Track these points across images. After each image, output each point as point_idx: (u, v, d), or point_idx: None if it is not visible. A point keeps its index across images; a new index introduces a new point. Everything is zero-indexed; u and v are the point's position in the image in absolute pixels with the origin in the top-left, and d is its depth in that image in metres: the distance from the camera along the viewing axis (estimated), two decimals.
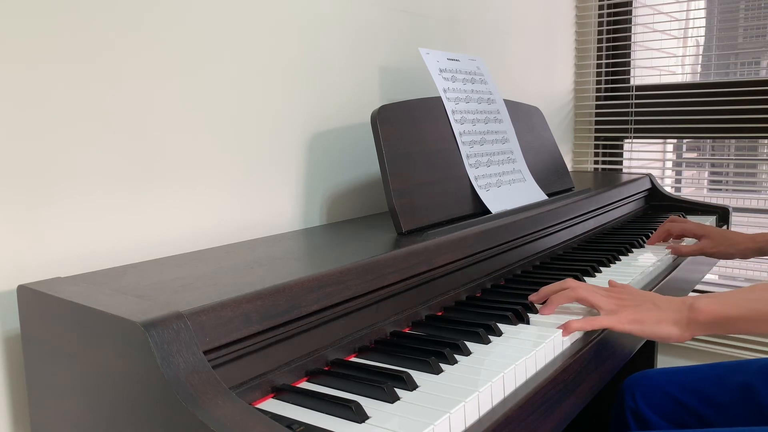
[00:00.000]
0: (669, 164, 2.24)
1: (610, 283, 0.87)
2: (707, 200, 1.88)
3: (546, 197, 1.23)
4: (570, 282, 0.84)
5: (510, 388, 0.65)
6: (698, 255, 1.21)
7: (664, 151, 2.24)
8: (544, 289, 0.86)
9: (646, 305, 0.78)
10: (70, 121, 0.80)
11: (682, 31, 2.20)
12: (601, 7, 2.04)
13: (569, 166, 2.13)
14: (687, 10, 2.08)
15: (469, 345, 0.74)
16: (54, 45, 0.78)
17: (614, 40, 2.05)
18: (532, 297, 0.87)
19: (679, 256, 1.21)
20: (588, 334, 0.81)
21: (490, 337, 0.76)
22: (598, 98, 2.08)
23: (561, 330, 0.78)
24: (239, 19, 0.99)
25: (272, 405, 0.62)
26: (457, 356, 0.70)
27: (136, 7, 0.86)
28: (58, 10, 0.78)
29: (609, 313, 0.78)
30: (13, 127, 0.75)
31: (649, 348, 1.69)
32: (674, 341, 0.76)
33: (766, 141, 1.92)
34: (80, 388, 0.62)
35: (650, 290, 0.99)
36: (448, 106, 1.10)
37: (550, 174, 1.34)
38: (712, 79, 1.98)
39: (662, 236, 1.27)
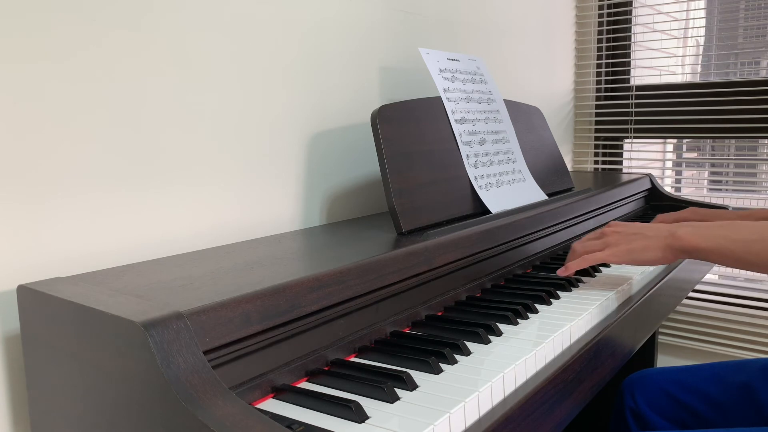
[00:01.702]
0: (669, 164, 2.24)
1: (610, 223, 0.96)
2: (707, 200, 1.88)
3: (546, 197, 1.23)
4: (573, 245, 0.95)
5: (510, 388, 0.65)
6: None
7: (664, 151, 2.24)
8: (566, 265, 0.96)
9: (636, 238, 0.88)
10: (68, 120, 0.80)
11: (682, 31, 2.21)
12: (601, 7, 2.05)
13: (569, 166, 2.13)
14: (687, 10, 2.07)
15: (469, 345, 0.74)
16: (51, 42, 0.78)
17: (614, 40, 2.05)
18: (561, 271, 0.96)
19: None
20: (589, 333, 0.81)
21: (490, 337, 0.76)
22: (598, 98, 2.09)
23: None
24: (240, 19, 0.99)
25: (272, 405, 0.62)
26: (457, 356, 0.71)
27: (135, 6, 0.86)
28: (55, 5, 0.78)
29: (602, 249, 0.89)
30: (12, 126, 0.75)
31: (649, 348, 1.69)
32: (659, 264, 0.86)
33: (766, 141, 1.92)
34: (80, 388, 0.62)
35: (650, 290, 0.99)
36: (448, 106, 1.10)
37: (550, 174, 1.34)
38: (712, 79, 1.98)
39: None
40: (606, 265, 1.09)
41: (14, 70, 0.74)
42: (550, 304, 0.88)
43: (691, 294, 1.93)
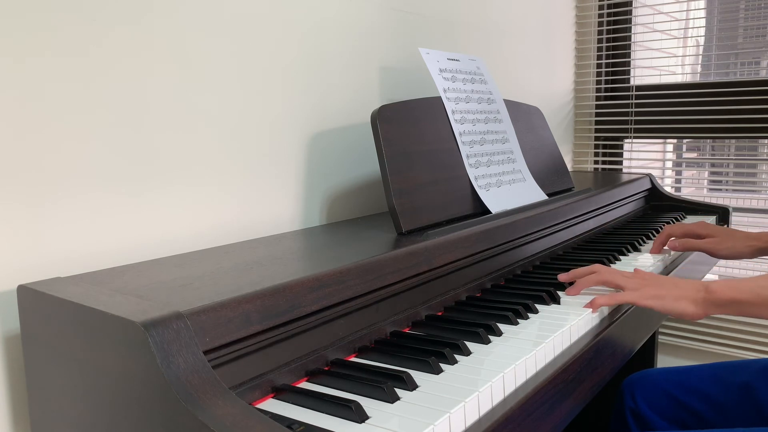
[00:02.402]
0: (669, 164, 2.24)
1: (635, 270, 0.93)
2: (707, 200, 1.88)
3: (546, 197, 1.23)
4: (597, 266, 0.92)
5: (510, 388, 0.65)
6: (705, 251, 1.17)
7: (664, 151, 2.24)
8: (573, 271, 0.94)
9: (666, 284, 0.86)
10: (68, 121, 0.80)
11: (682, 31, 2.21)
12: (601, 7, 2.05)
13: (569, 166, 2.13)
14: (687, 10, 2.08)
15: (469, 345, 0.74)
16: (52, 42, 0.78)
17: (614, 40, 2.05)
18: (562, 276, 0.94)
19: (686, 251, 1.19)
20: (589, 333, 0.81)
21: (490, 337, 0.76)
22: (598, 98, 2.09)
23: (589, 308, 0.84)
24: (240, 19, 0.99)
25: (272, 405, 0.62)
26: (457, 356, 0.70)
27: (135, 6, 0.86)
28: (55, 5, 0.78)
29: (632, 290, 0.86)
30: (12, 126, 0.75)
31: (649, 348, 1.69)
32: (689, 318, 0.84)
33: (766, 141, 1.92)
34: (80, 387, 0.62)
35: None
36: (448, 106, 1.10)
37: (550, 174, 1.34)
38: (712, 79, 1.98)
39: (664, 241, 1.20)
40: (606, 264, 1.09)
41: (15, 69, 0.74)
42: (550, 304, 0.88)
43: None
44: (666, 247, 1.20)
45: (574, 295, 0.91)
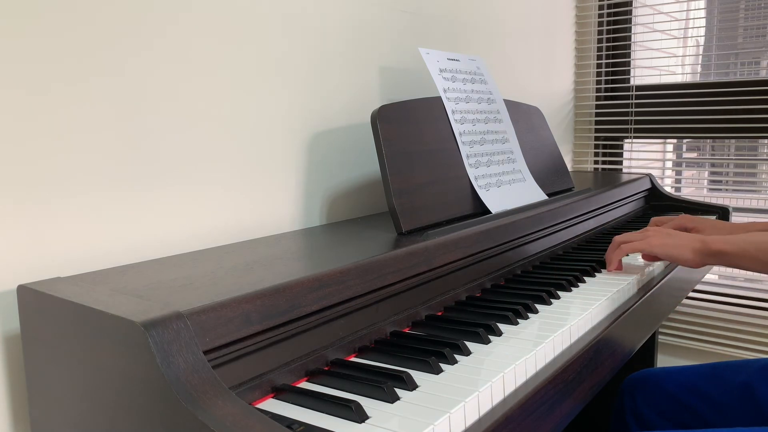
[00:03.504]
0: (669, 164, 2.24)
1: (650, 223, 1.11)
2: (707, 200, 1.88)
3: (546, 197, 1.23)
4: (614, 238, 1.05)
5: (510, 388, 0.65)
6: None
7: (664, 151, 2.24)
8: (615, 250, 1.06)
9: (672, 237, 0.99)
10: (69, 121, 0.80)
11: (682, 31, 2.21)
12: (601, 7, 2.05)
13: (569, 166, 2.13)
14: (687, 10, 2.08)
15: (469, 345, 0.74)
16: (52, 41, 0.78)
17: (614, 40, 2.05)
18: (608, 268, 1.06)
19: None
20: (589, 333, 0.81)
21: (490, 337, 0.76)
22: (598, 98, 2.09)
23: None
24: (240, 18, 0.99)
25: (272, 405, 0.62)
26: (457, 356, 0.70)
27: (135, 8, 0.86)
28: (54, 5, 0.78)
29: (640, 240, 1.00)
30: (12, 126, 0.75)
31: (649, 348, 1.69)
32: (687, 265, 0.96)
33: (766, 141, 1.92)
34: (80, 388, 0.62)
35: (650, 290, 0.99)
36: (448, 106, 1.10)
37: (550, 174, 1.34)
38: (712, 79, 1.98)
39: None
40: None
41: (15, 70, 0.74)
42: (550, 304, 0.88)
43: (691, 294, 1.93)
44: None
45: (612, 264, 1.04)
